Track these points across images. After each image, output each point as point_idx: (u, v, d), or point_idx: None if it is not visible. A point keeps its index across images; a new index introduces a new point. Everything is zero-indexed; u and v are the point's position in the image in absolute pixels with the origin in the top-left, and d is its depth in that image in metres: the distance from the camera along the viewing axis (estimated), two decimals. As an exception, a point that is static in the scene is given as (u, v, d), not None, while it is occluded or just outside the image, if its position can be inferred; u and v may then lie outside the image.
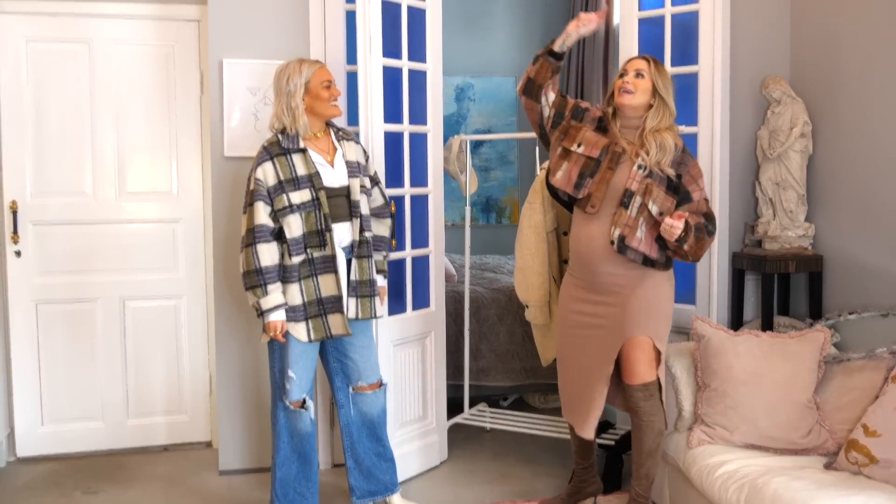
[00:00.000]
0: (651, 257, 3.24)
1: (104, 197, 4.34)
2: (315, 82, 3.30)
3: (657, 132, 3.22)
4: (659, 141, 3.21)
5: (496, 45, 7.37)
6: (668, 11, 4.10)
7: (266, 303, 3.18)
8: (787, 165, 4.05)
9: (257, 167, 3.22)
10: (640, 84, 3.24)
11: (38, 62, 4.21)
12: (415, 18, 3.99)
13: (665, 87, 3.24)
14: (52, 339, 4.33)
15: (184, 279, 4.45)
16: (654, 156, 3.20)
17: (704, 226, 3.20)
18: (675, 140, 3.25)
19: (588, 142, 3.31)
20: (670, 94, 3.25)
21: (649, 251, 3.23)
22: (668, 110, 3.25)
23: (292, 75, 3.28)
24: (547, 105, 3.42)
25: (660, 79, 3.24)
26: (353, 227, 3.33)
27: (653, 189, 3.19)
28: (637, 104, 3.25)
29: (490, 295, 5.11)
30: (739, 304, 4.20)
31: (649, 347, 3.26)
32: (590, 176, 3.26)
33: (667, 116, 3.25)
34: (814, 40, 4.09)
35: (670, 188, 3.22)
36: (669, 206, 3.21)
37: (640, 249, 3.22)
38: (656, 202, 3.19)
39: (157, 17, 4.29)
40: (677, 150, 3.24)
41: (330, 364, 3.46)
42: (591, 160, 3.28)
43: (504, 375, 5.01)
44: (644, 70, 3.24)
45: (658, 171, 3.22)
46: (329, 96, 3.33)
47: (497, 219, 7.47)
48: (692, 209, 3.23)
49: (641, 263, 3.24)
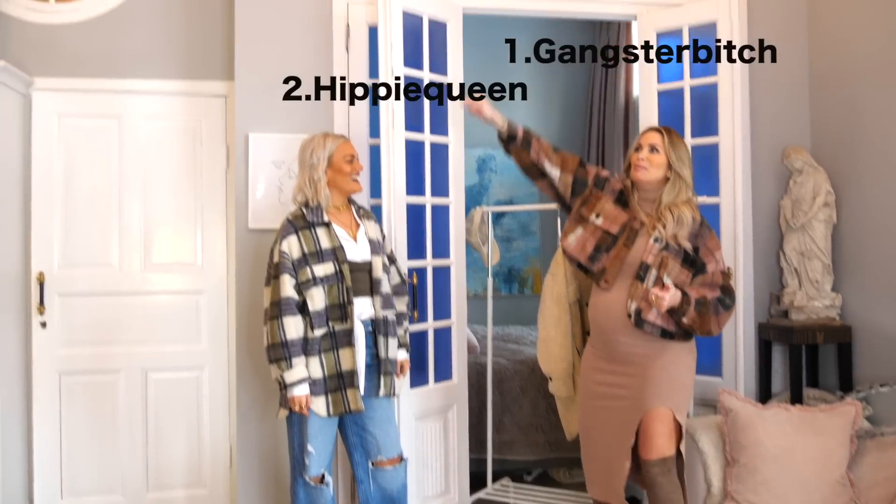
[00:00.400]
0: (669, 330, 3.21)
1: (130, 268, 4.38)
2: (338, 156, 3.34)
3: (675, 206, 3.22)
4: (676, 214, 3.20)
5: (517, 117, 7.28)
6: (687, 84, 4.14)
7: (290, 376, 3.16)
8: (812, 235, 4.03)
9: (282, 240, 3.24)
10: (654, 159, 3.24)
11: (69, 137, 4.31)
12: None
13: (680, 161, 3.23)
14: (74, 410, 4.32)
15: (206, 350, 4.45)
16: (671, 229, 3.19)
17: (718, 300, 3.15)
18: (693, 213, 3.24)
19: (607, 215, 3.31)
20: (686, 167, 3.24)
21: (667, 324, 3.20)
22: (684, 183, 3.24)
23: (316, 149, 3.33)
24: (553, 172, 3.42)
25: (674, 152, 3.23)
26: (374, 303, 3.33)
27: (668, 262, 3.18)
28: (652, 179, 3.26)
29: (513, 367, 5.07)
30: (767, 375, 4.13)
31: (669, 420, 3.20)
32: (605, 251, 3.27)
33: (683, 190, 3.24)
34: (834, 109, 4.11)
35: (686, 261, 3.21)
36: (685, 279, 3.19)
37: (657, 323, 3.19)
38: (671, 275, 3.18)
39: (186, 94, 4.39)
40: (695, 224, 3.23)
41: (349, 438, 3.42)
42: (609, 235, 3.28)
43: (528, 449, 4.93)
44: (658, 144, 3.24)
45: (674, 244, 3.20)
46: (351, 171, 3.37)
47: (519, 289, 7.45)
48: (705, 281, 3.20)
49: (660, 336, 3.21)
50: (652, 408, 3.19)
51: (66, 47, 4.27)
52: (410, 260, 3.87)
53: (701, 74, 4.12)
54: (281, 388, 3.20)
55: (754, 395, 4.10)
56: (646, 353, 3.24)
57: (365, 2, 4.03)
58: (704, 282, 3.20)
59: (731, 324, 3.96)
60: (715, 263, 3.23)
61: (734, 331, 3.95)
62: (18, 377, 4.18)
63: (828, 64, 4.18)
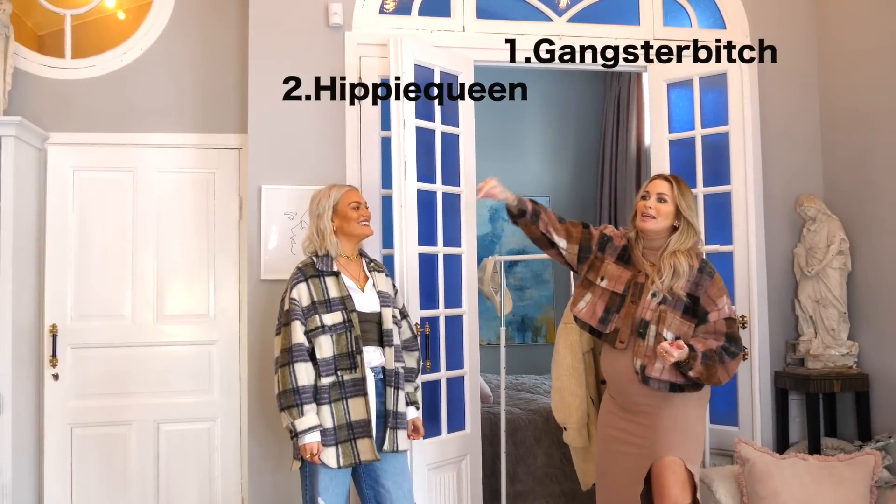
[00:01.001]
0: (677, 383, 3.14)
1: (142, 319, 4.39)
2: (343, 204, 3.38)
3: (673, 255, 3.17)
4: (672, 264, 3.15)
5: (529, 165, 7.50)
6: (699, 133, 4.16)
7: (301, 424, 3.14)
8: (827, 283, 4.00)
9: (292, 288, 3.25)
10: (662, 209, 3.20)
11: (83, 189, 4.36)
12: (449, 143, 4.08)
13: (689, 209, 3.20)
14: (86, 463, 4.30)
15: (218, 401, 4.44)
16: (667, 281, 3.14)
17: (723, 349, 3.09)
18: (690, 261, 3.18)
19: (611, 276, 3.30)
20: (694, 215, 3.22)
21: (674, 378, 3.14)
22: (693, 231, 3.21)
23: (322, 199, 3.38)
24: (561, 243, 3.43)
25: (683, 201, 3.20)
26: (385, 354, 3.33)
27: (666, 316, 3.14)
28: (660, 228, 3.22)
29: (527, 416, 5.02)
30: (784, 425, 4.08)
31: (680, 469, 3.13)
32: (616, 311, 3.24)
33: (691, 237, 3.21)
34: (846, 157, 4.11)
35: (687, 312, 3.15)
36: (686, 331, 3.14)
37: (662, 378, 3.14)
38: (671, 328, 3.12)
39: (200, 146, 4.44)
40: (692, 271, 3.17)
41: (363, 490, 3.38)
42: (616, 295, 3.26)
43: (543, 500, 4.86)
44: (667, 194, 3.20)
45: (672, 296, 3.16)
46: (358, 217, 3.38)
47: (533, 338, 7.42)
48: (708, 330, 3.14)
49: (669, 391, 3.15)
50: (662, 457, 3.14)
51: (82, 102, 4.34)
52: (423, 310, 3.87)
53: (712, 124, 4.14)
54: (292, 437, 3.18)
55: (771, 444, 4.04)
56: (656, 403, 3.19)
57: (377, 55, 4.08)
58: (707, 331, 3.14)
59: (747, 373, 3.92)
60: (717, 312, 3.16)
61: (750, 380, 3.92)
62: (30, 429, 4.17)
63: (840, 111, 4.19)
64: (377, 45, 4.08)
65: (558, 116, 7.56)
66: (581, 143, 7.54)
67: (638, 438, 3.25)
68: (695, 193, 4.10)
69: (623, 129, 6.75)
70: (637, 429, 3.26)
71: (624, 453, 3.28)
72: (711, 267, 3.24)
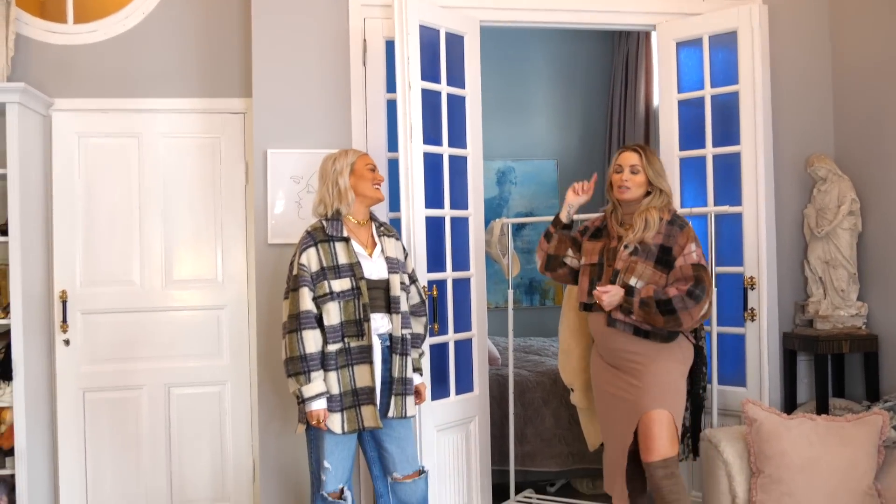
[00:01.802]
0: (642, 328, 3.33)
1: (151, 285, 4.41)
2: (360, 165, 3.37)
3: (645, 210, 3.41)
4: (644, 218, 3.39)
5: (536, 128, 7.44)
6: (708, 93, 4.12)
7: (308, 390, 3.15)
8: (836, 244, 3.98)
9: (301, 252, 3.24)
10: (636, 179, 3.45)
11: (89, 156, 4.35)
12: (455, 105, 4.05)
13: (658, 175, 3.47)
14: (98, 426, 4.35)
15: (228, 365, 4.46)
16: (638, 233, 3.37)
17: (687, 293, 3.25)
18: (661, 214, 3.40)
19: (587, 252, 3.57)
20: (664, 178, 3.48)
21: (637, 322, 3.33)
22: (661, 193, 3.46)
23: (339, 158, 3.36)
24: (572, 257, 3.65)
25: (651, 169, 3.46)
26: (392, 321, 3.33)
27: (636, 266, 3.35)
28: (636, 196, 3.46)
29: (534, 378, 5.04)
30: (792, 385, 4.08)
31: (669, 422, 3.29)
32: (598, 280, 3.45)
33: (663, 198, 3.46)
34: (858, 116, 4.06)
35: (660, 262, 3.35)
36: (658, 280, 3.33)
37: (626, 321, 3.34)
38: (643, 277, 3.33)
39: (204, 111, 4.42)
40: (662, 223, 3.38)
41: (367, 453, 3.41)
42: (594, 266, 3.50)
43: (550, 460, 4.90)
44: (638, 165, 3.46)
45: (643, 247, 3.36)
46: (373, 178, 3.37)
47: (541, 301, 7.42)
48: (676, 276, 3.32)
49: (633, 334, 3.35)
50: (650, 410, 3.30)
51: (85, 68, 4.31)
52: (430, 273, 3.87)
53: (722, 84, 4.09)
54: (299, 402, 3.20)
55: (779, 405, 4.05)
56: (640, 359, 3.36)
57: (382, 16, 4.04)
58: (675, 276, 3.32)
59: (756, 334, 3.92)
60: (683, 257, 3.34)
61: (758, 341, 3.92)
62: (43, 394, 4.21)
63: (851, 70, 4.14)
64: (382, 6, 4.02)
65: (566, 78, 7.48)
66: (589, 105, 7.48)
67: (625, 394, 3.40)
68: (703, 154, 4.09)
69: (631, 90, 6.69)
70: (623, 384, 3.41)
71: (616, 406, 3.45)
72: (683, 220, 3.46)
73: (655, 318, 3.26)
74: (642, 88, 6.52)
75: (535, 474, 4.90)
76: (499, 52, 7.12)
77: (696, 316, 3.28)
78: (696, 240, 3.40)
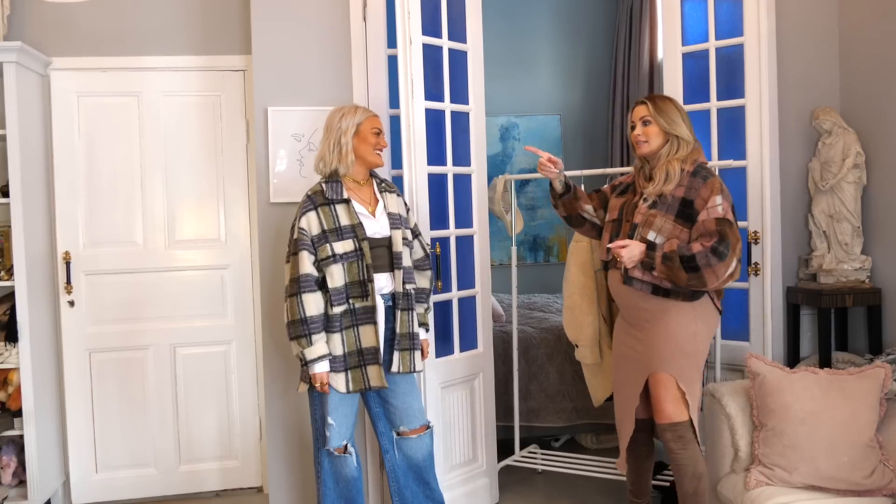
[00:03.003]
0: (662, 286, 3.21)
1: (154, 246, 4.41)
2: (366, 126, 3.33)
3: (667, 163, 3.26)
4: (665, 169, 3.24)
5: (540, 84, 7.38)
6: (713, 45, 4.06)
7: (310, 353, 3.16)
8: (841, 197, 3.96)
9: (301, 216, 3.23)
10: (650, 131, 3.30)
11: (89, 116, 4.33)
12: (456, 61, 4.01)
13: (672, 122, 3.28)
14: (105, 387, 4.38)
15: (232, 325, 4.48)
16: (659, 186, 3.23)
17: (711, 249, 3.06)
18: (684, 166, 3.24)
19: (610, 208, 3.46)
20: (680, 125, 3.29)
21: (659, 281, 3.21)
22: (682, 141, 3.28)
23: (346, 115, 3.32)
24: (589, 209, 3.57)
25: (661, 118, 3.28)
26: (394, 278, 3.32)
27: (654, 220, 3.21)
28: (655, 149, 3.31)
29: (539, 335, 5.06)
30: (795, 340, 4.09)
31: (673, 386, 3.23)
32: (616, 236, 3.34)
33: (683, 147, 3.28)
34: (864, 69, 4.01)
35: (681, 216, 3.19)
36: (679, 234, 3.18)
37: (644, 279, 3.22)
38: (662, 232, 3.18)
39: (204, 69, 4.38)
40: (685, 175, 3.23)
41: (372, 409, 3.43)
42: (614, 222, 3.38)
43: (555, 416, 4.93)
44: (648, 116, 3.30)
45: (662, 200, 3.23)
46: (376, 143, 3.34)
47: (545, 257, 7.42)
48: (699, 230, 3.15)
49: (651, 293, 3.23)
50: (655, 373, 3.26)
51: (83, 26, 4.27)
52: (433, 230, 3.86)
53: (726, 36, 4.04)
54: (302, 365, 3.21)
55: (782, 359, 4.06)
56: (651, 317, 3.27)
57: (381, -30, 3.98)
58: (698, 230, 3.15)
59: (759, 288, 3.92)
60: (706, 211, 3.15)
61: (762, 295, 3.91)
62: (49, 356, 4.23)
63: (857, 23, 4.07)
64: (381, -40, 3.97)
65: (569, 32, 7.40)
66: (592, 60, 7.40)
67: (635, 353, 3.36)
68: (708, 108, 4.05)
69: (635, 44, 6.61)
70: (635, 343, 3.36)
71: (627, 367, 3.40)
72: (708, 171, 3.27)
73: (679, 273, 3.09)
74: (646, 42, 6.44)
75: (540, 430, 4.94)
76: (501, 6, 7.04)
77: (721, 275, 3.08)
78: (724, 192, 3.19)
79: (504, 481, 4.37)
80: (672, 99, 3.39)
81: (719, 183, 3.20)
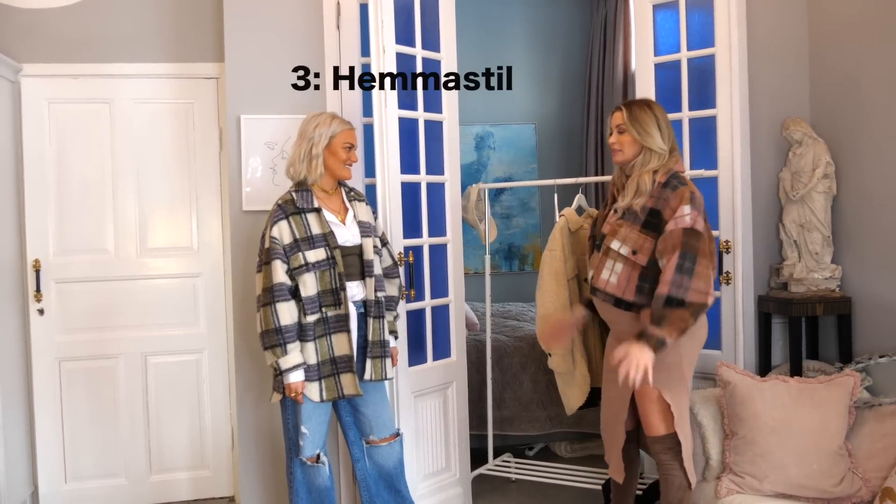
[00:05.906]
0: (624, 299, 3.15)
1: (126, 254, 4.37)
2: (338, 140, 3.31)
3: (638, 175, 3.17)
4: (637, 183, 3.15)
5: (515, 93, 7.39)
6: (685, 56, 4.09)
7: (286, 363, 3.14)
8: (811, 207, 3.99)
9: (272, 225, 3.21)
10: (623, 140, 3.22)
11: (59, 123, 4.29)
12: (431, 69, 4.01)
13: (644, 132, 3.17)
14: (75, 396, 4.33)
15: (204, 333, 4.45)
16: (628, 199, 3.15)
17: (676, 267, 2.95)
18: (656, 177, 3.15)
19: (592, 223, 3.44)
20: (652, 136, 3.17)
21: (620, 293, 3.15)
22: (652, 153, 3.18)
23: (321, 125, 3.30)
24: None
25: (634, 127, 3.18)
26: (366, 286, 3.32)
27: (619, 229, 3.15)
28: (629, 157, 3.23)
29: (513, 343, 5.06)
30: (767, 348, 4.11)
31: (656, 397, 3.18)
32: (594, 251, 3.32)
33: (654, 159, 3.17)
34: (833, 80, 4.06)
35: (648, 226, 3.10)
36: (643, 244, 3.09)
37: (607, 291, 3.19)
38: (627, 242, 3.11)
39: (176, 76, 4.36)
40: (657, 187, 3.13)
41: (343, 418, 3.42)
42: (591, 239, 3.38)
43: (529, 424, 4.93)
44: (622, 124, 3.22)
45: (630, 212, 3.15)
46: (346, 159, 3.34)
47: (519, 266, 7.43)
48: (662, 242, 3.04)
49: (614, 305, 3.19)
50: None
51: (54, 32, 4.24)
52: (407, 238, 3.85)
53: (698, 47, 4.07)
54: (276, 375, 3.19)
55: (754, 367, 4.09)
56: (631, 329, 3.13)
57: (355, -21, 3.98)
58: (663, 242, 3.04)
59: (731, 297, 3.94)
60: (674, 221, 3.03)
61: (733, 304, 3.94)
62: (18, 365, 4.18)
63: (827, 34, 4.12)
64: (355, -31, 3.96)
65: (544, 42, 7.42)
66: (567, 69, 7.44)
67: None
68: (679, 118, 4.08)
69: (610, 54, 6.65)
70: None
71: (613, 380, 3.31)
72: (680, 180, 3.14)
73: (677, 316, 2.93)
74: (621, 52, 6.49)
75: (514, 438, 4.94)
76: (476, 16, 7.06)
77: (703, 287, 2.95)
78: (695, 201, 3.06)
79: (477, 490, 4.37)
80: (652, 105, 3.27)
81: (689, 192, 3.08)
